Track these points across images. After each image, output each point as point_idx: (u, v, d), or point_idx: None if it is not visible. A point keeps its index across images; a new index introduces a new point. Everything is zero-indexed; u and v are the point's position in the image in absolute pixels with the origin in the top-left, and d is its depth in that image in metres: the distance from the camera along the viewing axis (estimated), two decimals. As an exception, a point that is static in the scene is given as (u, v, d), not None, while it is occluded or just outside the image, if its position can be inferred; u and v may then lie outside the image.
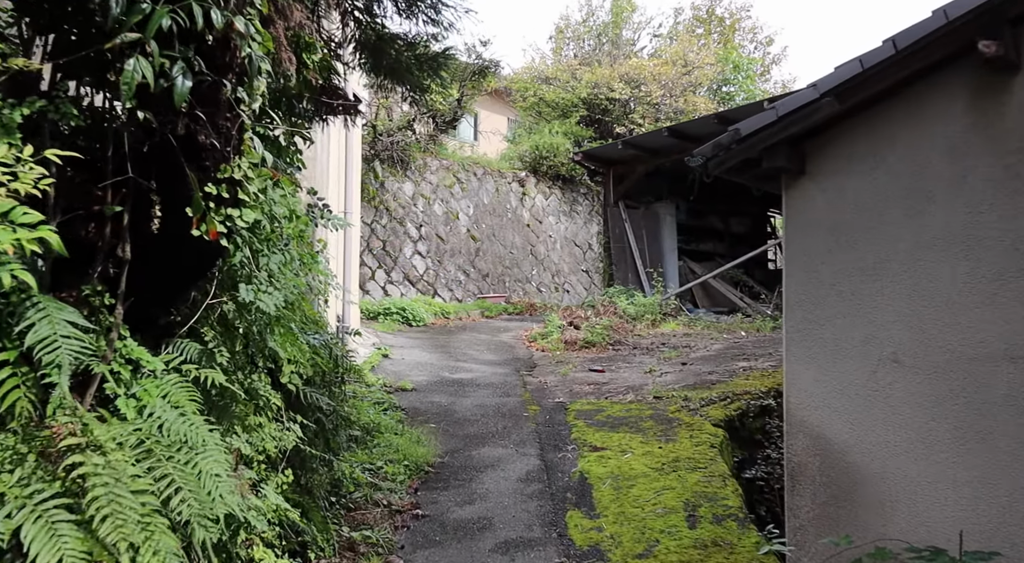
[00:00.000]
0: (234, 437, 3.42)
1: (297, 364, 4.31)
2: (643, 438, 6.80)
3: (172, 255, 2.95)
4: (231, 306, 3.26)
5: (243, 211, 2.97)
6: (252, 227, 3.37)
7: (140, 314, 3.13)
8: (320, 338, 4.50)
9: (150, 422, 2.78)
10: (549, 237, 21.40)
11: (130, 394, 2.87)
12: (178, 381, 3.00)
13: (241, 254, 3.24)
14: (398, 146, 17.50)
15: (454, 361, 10.92)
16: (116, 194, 2.72)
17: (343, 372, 4.86)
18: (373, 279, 16.78)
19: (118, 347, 2.88)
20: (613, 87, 20.95)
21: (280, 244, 3.58)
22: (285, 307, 3.55)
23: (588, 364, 10.94)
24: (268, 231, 3.42)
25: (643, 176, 17.07)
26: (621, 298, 15.12)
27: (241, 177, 2.86)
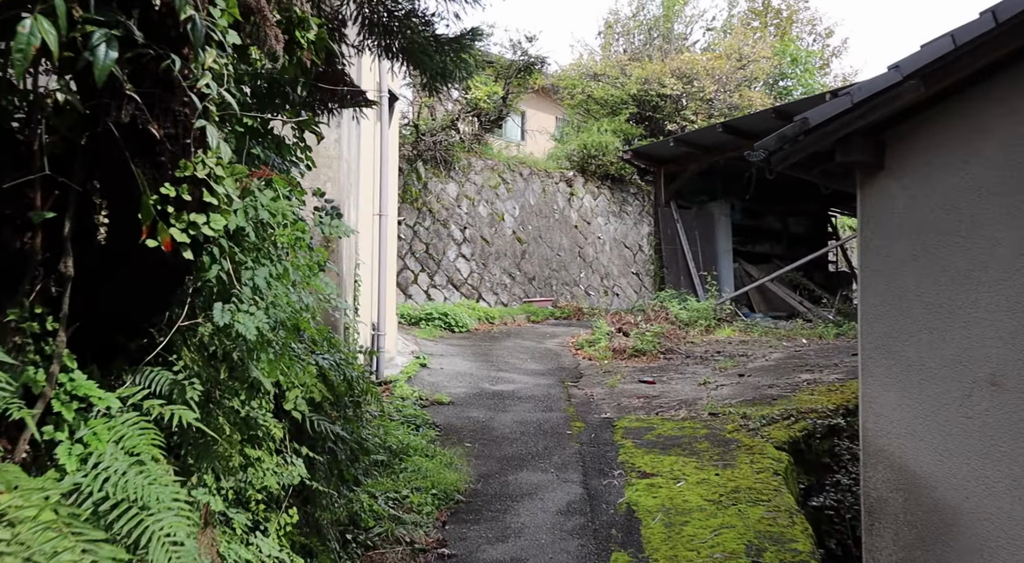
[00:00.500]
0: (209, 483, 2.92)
1: (304, 388, 3.82)
2: (698, 463, 6.16)
3: (130, 270, 2.45)
4: (208, 328, 2.75)
5: (211, 216, 2.45)
6: (235, 235, 2.87)
7: (101, 340, 2.65)
8: (330, 358, 3.99)
9: (93, 475, 2.28)
10: (598, 238, 20.75)
11: (76, 439, 2.38)
12: (137, 421, 2.50)
13: (218, 267, 2.73)
14: (441, 146, 17.05)
15: (495, 371, 10.38)
16: (47, 197, 2.23)
17: (359, 394, 4.34)
18: (416, 283, 16.35)
19: (62, 381, 2.39)
20: (664, 83, 20.20)
21: (273, 254, 3.06)
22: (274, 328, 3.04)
23: (637, 375, 10.30)
24: (254, 239, 2.90)
25: (696, 175, 16.32)
26: (673, 303, 14.41)
27: (206, 175, 2.34)
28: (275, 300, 2.93)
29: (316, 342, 4.15)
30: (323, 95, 3.38)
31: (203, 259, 2.74)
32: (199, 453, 2.91)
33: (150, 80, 2.14)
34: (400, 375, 9.38)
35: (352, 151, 7.12)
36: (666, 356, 11.50)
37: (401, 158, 16.75)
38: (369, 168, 8.99)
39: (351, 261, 7.09)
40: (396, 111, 10.78)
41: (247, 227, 2.84)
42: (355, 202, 7.37)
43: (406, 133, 17.69)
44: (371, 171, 9.19)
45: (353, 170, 7.19)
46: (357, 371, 4.28)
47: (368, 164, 8.84)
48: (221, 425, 3.03)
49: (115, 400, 2.47)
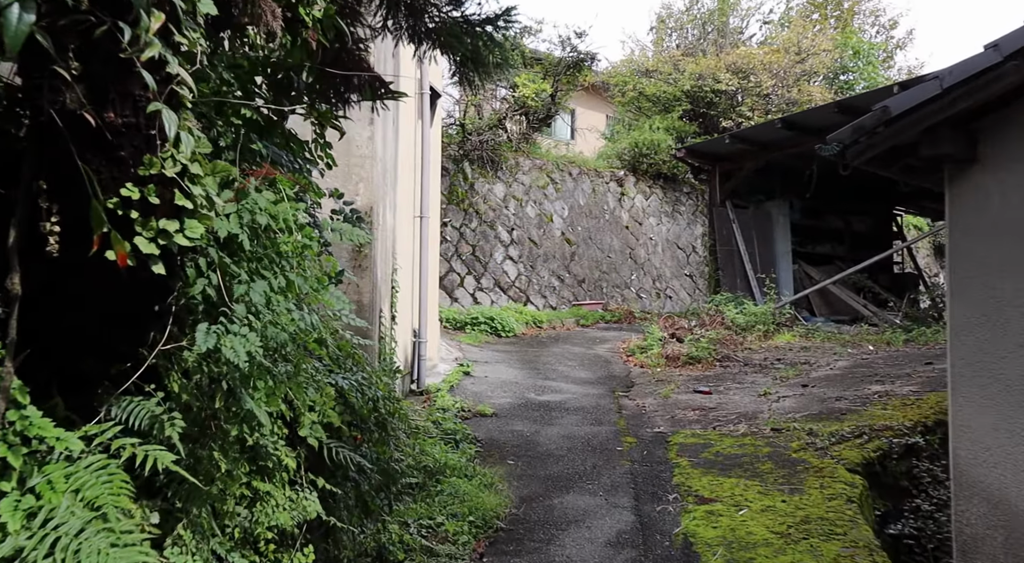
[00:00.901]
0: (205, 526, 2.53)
1: (320, 412, 3.42)
2: (762, 486, 5.62)
3: (87, 287, 2.07)
4: (194, 354, 2.35)
5: (187, 223, 2.05)
6: (227, 243, 2.47)
7: (67, 367, 2.27)
8: (352, 378, 3.58)
9: (40, 536, 1.89)
10: (650, 239, 20.14)
11: (26, 489, 2.00)
12: (103, 465, 2.11)
13: (204, 282, 2.34)
14: (488, 145, 16.66)
15: (542, 379, 9.92)
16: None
17: (386, 415, 3.94)
18: (462, 286, 15.98)
19: (12, 419, 2.02)
20: (719, 78, 19.50)
21: (276, 264, 2.66)
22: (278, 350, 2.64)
23: (692, 384, 9.74)
24: (252, 248, 2.51)
25: (752, 173, 15.63)
26: (729, 307, 13.78)
27: (177, 173, 1.94)
28: (276, 318, 2.52)
29: (337, 360, 3.75)
30: (338, 84, 2.98)
31: (188, 272, 2.35)
32: (187, 495, 2.52)
33: (100, 58, 1.75)
34: (442, 384, 8.99)
35: (388, 150, 6.74)
36: (723, 364, 10.91)
37: (447, 158, 16.41)
38: (409, 168, 8.62)
39: (387, 266, 6.71)
40: (439, 109, 10.40)
41: (241, 234, 2.44)
42: (392, 204, 6.99)
43: (452, 133, 17.36)
44: (411, 171, 8.82)
45: (390, 170, 6.81)
46: (383, 391, 3.87)
47: (408, 164, 8.47)
48: (217, 460, 2.64)
49: (77, 441, 2.09)
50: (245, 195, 2.53)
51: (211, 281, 2.36)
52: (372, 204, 5.87)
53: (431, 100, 9.46)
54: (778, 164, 15.58)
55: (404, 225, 8.17)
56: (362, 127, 5.83)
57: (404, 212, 8.17)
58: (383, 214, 6.37)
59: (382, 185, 6.28)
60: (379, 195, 6.13)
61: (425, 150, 9.22)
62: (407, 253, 8.44)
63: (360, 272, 5.77)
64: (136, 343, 2.37)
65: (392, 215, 7.06)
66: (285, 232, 2.72)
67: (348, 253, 5.77)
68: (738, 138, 14.83)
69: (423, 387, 8.85)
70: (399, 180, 7.66)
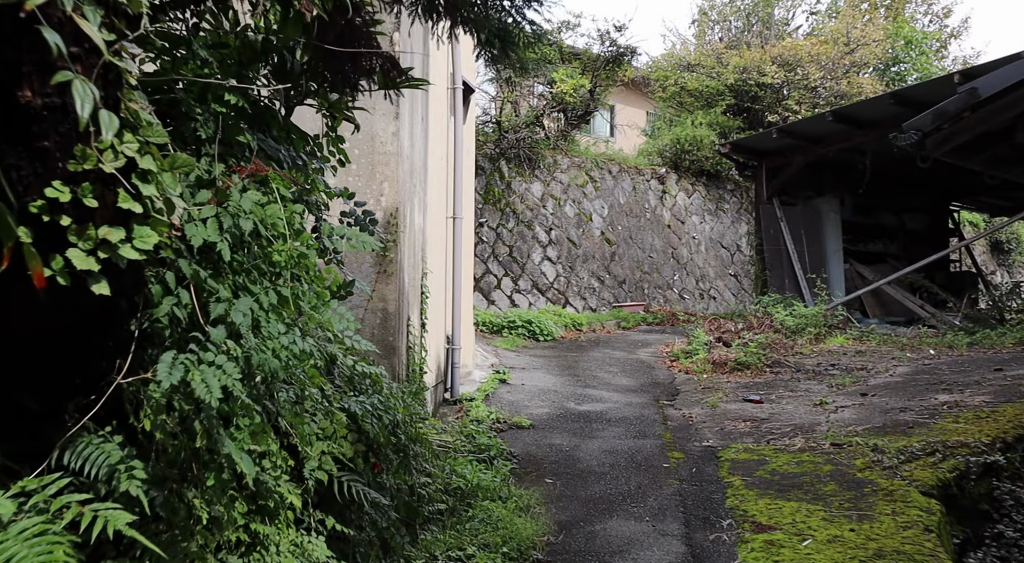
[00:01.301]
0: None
1: (329, 442, 3.01)
2: (825, 511, 5.09)
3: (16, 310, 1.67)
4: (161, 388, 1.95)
5: (137, 230, 1.64)
6: (203, 254, 2.07)
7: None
8: (367, 401, 3.17)
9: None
10: (692, 238, 19.55)
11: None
12: (39, 531, 1.71)
13: (172, 301, 1.93)
14: (525, 144, 16.23)
15: (582, 387, 9.45)
16: None
17: (407, 442, 3.52)
18: (499, 288, 15.57)
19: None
20: (764, 71, 18.82)
21: (267, 277, 2.26)
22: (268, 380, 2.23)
23: (742, 392, 9.19)
24: (234, 258, 2.10)
25: (801, 168, 14.96)
26: (778, 308, 13.15)
27: (118, 169, 1.53)
28: (263, 343, 2.11)
29: (352, 380, 3.34)
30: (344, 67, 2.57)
31: (152, 289, 1.94)
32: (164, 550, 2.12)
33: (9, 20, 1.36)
34: (477, 393, 8.57)
35: (417, 148, 6.34)
36: (773, 370, 10.32)
37: (483, 157, 16.02)
38: (441, 167, 8.22)
39: (416, 271, 6.31)
40: (472, 105, 10.00)
41: (220, 242, 2.04)
42: (421, 205, 6.59)
43: (488, 131, 16.96)
44: (444, 171, 8.42)
45: (419, 169, 6.41)
46: (403, 414, 3.45)
47: (439, 162, 8.07)
48: (198, 510, 2.23)
49: (7, 502, 1.70)
50: (226, 195, 2.12)
51: (181, 300, 1.96)
52: (398, 205, 5.47)
53: (464, 95, 9.05)
54: (828, 159, 14.89)
55: (436, 227, 7.78)
56: (386, 122, 5.43)
57: (436, 213, 7.77)
58: (411, 215, 5.97)
59: (409, 185, 5.87)
60: (406, 195, 5.73)
61: (458, 148, 8.81)
62: (439, 256, 8.04)
63: (385, 278, 5.37)
64: (93, 375, 1.97)
65: (422, 216, 6.66)
66: (280, 239, 2.31)
67: (372, 258, 5.38)
68: (786, 132, 14.19)
69: (457, 396, 8.46)
70: (430, 180, 7.26)
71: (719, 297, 19.72)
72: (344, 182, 5.37)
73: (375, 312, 5.34)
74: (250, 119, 2.51)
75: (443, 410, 8.18)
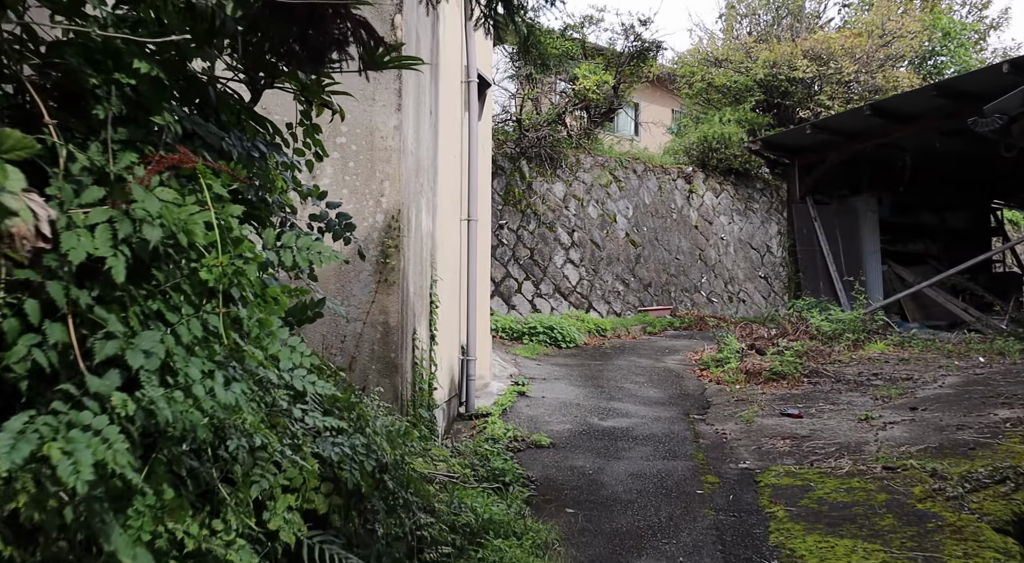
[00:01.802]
0: None
1: (297, 495, 2.47)
2: (886, 552, 4.47)
3: None
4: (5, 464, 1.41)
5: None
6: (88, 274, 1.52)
7: None
8: (346, 443, 2.61)
9: None
10: (720, 239, 18.87)
11: None
12: None
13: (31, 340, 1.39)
14: (547, 142, 15.65)
15: (606, 400, 8.86)
16: None
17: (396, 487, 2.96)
18: (520, 292, 15.01)
19: None
20: (796, 65, 18.09)
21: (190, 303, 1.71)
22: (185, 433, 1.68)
23: (779, 405, 8.55)
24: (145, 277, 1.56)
25: (836, 165, 14.25)
26: (813, 313, 12.46)
27: None
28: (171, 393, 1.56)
29: (332, 413, 2.79)
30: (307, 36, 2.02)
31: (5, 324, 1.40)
32: None
33: None
34: (494, 407, 8.02)
35: (425, 143, 5.80)
36: (811, 380, 9.66)
37: (503, 156, 15.48)
38: (454, 166, 7.69)
39: (423, 278, 5.76)
40: (489, 100, 9.45)
41: (113, 258, 1.49)
42: (429, 205, 6.04)
43: (508, 130, 16.42)
44: (457, 169, 7.88)
45: (426, 167, 5.86)
46: (389, 455, 2.89)
47: (452, 161, 7.54)
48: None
49: None
50: (123, 192, 1.57)
51: (48, 339, 1.41)
52: (400, 206, 4.92)
53: (479, 90, 8.51)
54: (865, 155, 14.17)
55: (448, 230, 7.24)
56: (387, 114, 4.89)
57: (448, 215, 7.24)
58: (416, 218, 5.42)
59: (415, 184, 5.33)
60: (411, 196, 5.18)
61: (472, 146, 8.27)
62: (452, 261, 7.50)
63: (386, 288, 4.83)
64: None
65: (430, 219, 6.11)
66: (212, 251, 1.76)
67: (372, 266, 4.84)
68: (820, 128, 13.49)
69: (472, 410, 7.91)
70: (441, 179, 6.72)
71: (748, 300, 19.02)
72: (340, 182, 4.84)
73: (374, 326, 4.80)
74: (184, 97, 1.97)
75: (457, 426, 7.64)
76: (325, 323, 4.76)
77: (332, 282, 4.79)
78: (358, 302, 4.78)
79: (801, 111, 18.53)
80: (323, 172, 4.80)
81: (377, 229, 4.85)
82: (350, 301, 4.79)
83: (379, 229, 4.85)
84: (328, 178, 4.81)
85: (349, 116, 4.82)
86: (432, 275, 6.19)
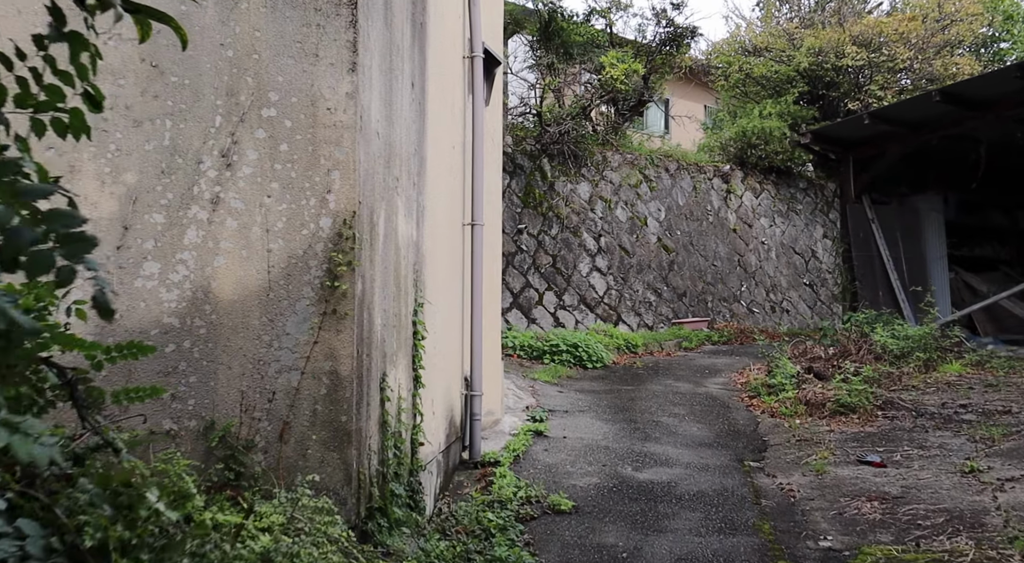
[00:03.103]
0: None
1: None
2: None
3: None
4: None
5: None
6: None
7: None
8: None
9: None
10: (761, 244, 17.28)
11: None
12: None
13: None
14: (570, 138, 14.18)
15: (641, 441, 7.36)
16: None
17: None
18: (541, 304, 13.54)
19: None
20: (844, 52, 16.44)
21: None
22: None
23: (852, 447, 7.01)
24: None
25: (897, 160, 12.61)
26: (877, 329, 10.85)
27: None
28: None
29: None
30: None
31: None
32: None
33: None
34: (504, 453, 6.58)
35: (402, 123, 4.36)
36: (886, 413, 8.08)
37: (522, 154, 14.03)
38: (452, 158, 6.26)
39: (401, 303, 4.31)
40: (499, 82, 8.02)
41: None
42: (410, 206, 4.60)
43: (528, 125, 14.98)
44: (457, 163, 6.45)
45: (403, 155, 4.42)
46: None
47: (448, 152, 6.11)
48: None
49: None
50: None
51: None
52: (357, 206, 3.48)
53: (486, 68, 7.07)
54: (931, 148, 12.54)
55: (442, 238, 5.80)
56: (336, 76, 3.46)
57: (442, 219, 5.80)
58: (387, 223, 3.98)
59: (384, 176, 3.89)
60: (376, 192, 3.74)
61: (477, 135, 6.83)
62: (449, 276, 6.07)
63: (335, 323, 3.39)
64: None
65: (412, 224, 4.67)
66: None
67: (313, 292, 3.40)
68: (880, 117, 11.88)
69: (478, 457, 6.48)
70: (431, 173, 5.29)
71: (792, 310, 17.38)
72: (267, 172, 3.41)
73: (317, 377, 3.36)
74: None
75: (459, 477, 6.20)
76: (246, 374, 3.33)
77: (256, 315, 3.36)
78: (293, 343, 3.35)
79: (850, 102, 16.88)
80: (243, 157, 3.38)
81: (322, 239, 3.42)
82: (281, 343, 3.36)
83: (324, 239, 3.42)
84: (250, 166, 3.39)
85: (281, 78, 3.39)
86: (416, 297, 4.74)
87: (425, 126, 5.17)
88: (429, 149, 5.31)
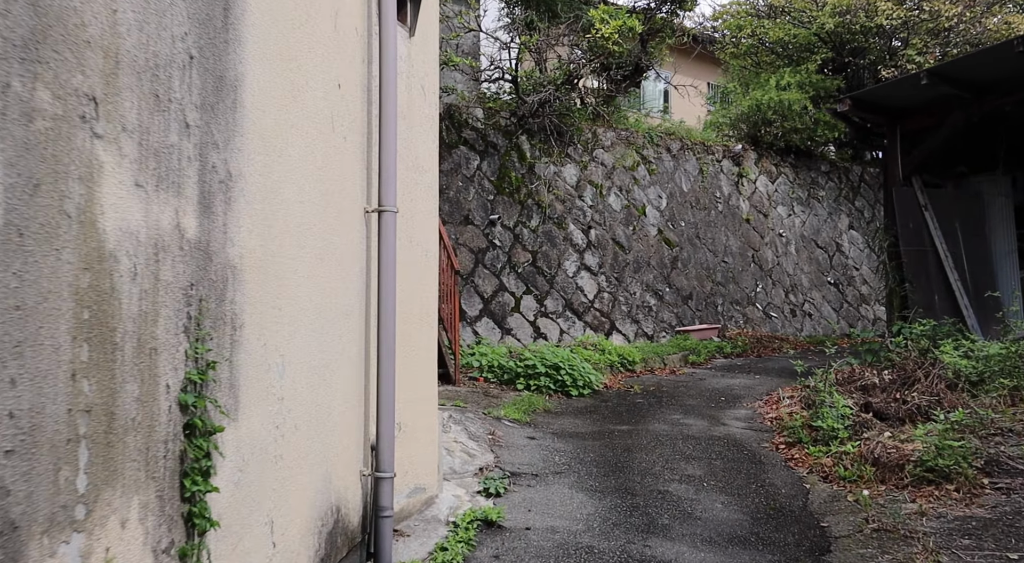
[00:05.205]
0: None
1: None
2: None
3: None
4: None
5: None
6: None
7: None
8: None
9: None
10: (779, 236, 14.86)
11: None
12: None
13: None
14: (553, 111, 11.70)
15: (642, 532, 4.89)
16: None
17: None
18: (518, 310, 11.08)
19: None
20: (877, 9, 13.97)
21: None
22: None
23: (961, 544, 4.57)
24: None
25: (957, 132, 10.15)
26: (944, 346, 8.39)
27: None
28: None
29: None
30: None
31: None
32: None
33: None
34: (426, 572, 4.15)
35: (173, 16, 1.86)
36: (994, 481, 5.64)
37: (494, 129, 11.56)
38: (344, 105, 3.80)
39: (138, 378, 1.83)
40: (432, 9, 5.53)
41: None
42: (167, 168, 2.11)
43: (502, 96, 12.51)
44: (346, 110, 3.99)
45: (171, 82, 1.93)
46: None
47: (323, 89, 3.64)
48: None
49: None
50: None
51: None
52: None
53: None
54: (999, 117, 10.09)
55: (315, 233, 3.34)
56: None
57: (314, 200, 3.34)
58: (146, 218, 1.47)
59: None
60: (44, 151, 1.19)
61: (387, 81, 4.36)
62: (329, 295, 3.61)
63: None
64: None
65: (191, 208, 2.18)
66: None
67: None
68: (940, 76, 9.39)
69: (385, 577, 4.04)
70: (265, 113, 2.83)
71: (815, 313, 14.97)
72: None
73: None
74: None
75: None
76: None
77: None
78: None
79: (883, 70, 14.44)
80: None
81: None
82: None
83: None
84: None
85: None
86: (195, 350, 2.28)
87: (240, 18, 2.71)
88: (255, 66, 2.85)
